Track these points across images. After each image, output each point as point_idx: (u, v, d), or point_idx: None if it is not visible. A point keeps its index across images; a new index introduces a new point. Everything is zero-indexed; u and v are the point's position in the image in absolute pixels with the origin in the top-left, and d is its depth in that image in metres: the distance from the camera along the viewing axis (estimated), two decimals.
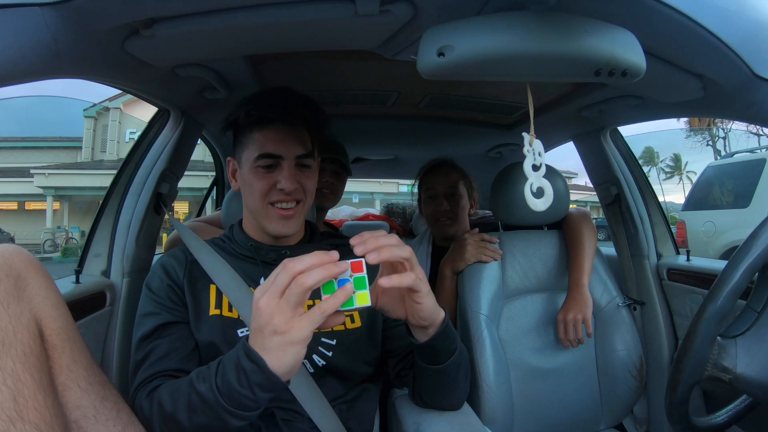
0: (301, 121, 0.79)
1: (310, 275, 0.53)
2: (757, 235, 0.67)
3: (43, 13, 0.53)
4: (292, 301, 0.53)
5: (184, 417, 0.60)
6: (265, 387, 0.56)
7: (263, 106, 0.78)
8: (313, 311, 0.54)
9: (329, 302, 0.54)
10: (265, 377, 0.55)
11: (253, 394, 0.56)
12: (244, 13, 0.64)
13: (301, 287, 0.52)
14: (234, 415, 0.57)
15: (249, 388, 0.55)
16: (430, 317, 0.66)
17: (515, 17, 0.55)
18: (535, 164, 0.60)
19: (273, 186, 0.78)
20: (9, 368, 0.50)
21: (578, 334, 1.10)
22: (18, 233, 16.31)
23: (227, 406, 0.56)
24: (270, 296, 0.54)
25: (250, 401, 0.56)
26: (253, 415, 0.59)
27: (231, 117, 0.81)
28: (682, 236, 4.64)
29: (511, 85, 1.16)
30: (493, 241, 1.22)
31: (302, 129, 0.79)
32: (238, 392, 0.56)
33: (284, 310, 0.53)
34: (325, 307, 0.54)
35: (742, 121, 0.93)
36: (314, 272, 0.53)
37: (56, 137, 19.20)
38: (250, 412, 0.58)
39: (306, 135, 0.80)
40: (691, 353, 0.68)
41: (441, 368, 0.71)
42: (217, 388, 0.57)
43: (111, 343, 1.01)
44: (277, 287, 0.54)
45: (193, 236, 0.83)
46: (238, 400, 0.56)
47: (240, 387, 0.56)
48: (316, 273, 0.53)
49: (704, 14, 0.61)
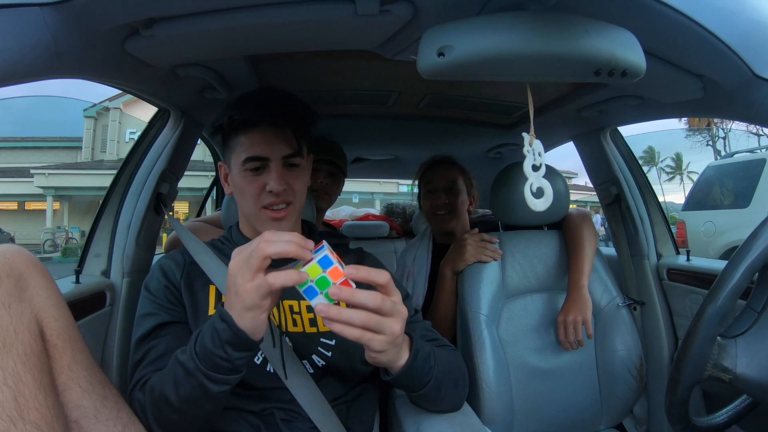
0: (286, 121, 0.79)
1: (272, 244, 0.54)
2: (757, 235, 0.67)
3: (43, 13, 0.53)
4: (252, 264, 0.54)
5: (171, 392, 0.61)
6: (236, 345, 0.57)
7: (246, 109, 0.78)
8: (261, 279, 0.54)
9: (280, 275, 0.54)
10: (233, 334, 0.56)
11: (225, 353, 0.57)
12: (244, 13, 0.64)
13: (260, 252, 0.54)
14: (212, 379, 0.58)
15: (221, 347, 0.57)
16: (386, 364, 0.65)
17: (515, 17, 0.55)
18: (535, 164, 0.60)
19: (263, 189, 0.77)
20: (10, 368, 0.50)
21: (578, 335, 1.10)
22: (18, 233, 16.31)
23: (204, 369, 0.58)
24: (238, 259, 0.56)
25: (223, 360, 0.58)
26: (230, 379, 0.60)
27: (216, 123, 0.81)
28: (682, 236, 4.64)
29: (511, 85, 1.16)
30: (493, 241, 1.22)
31: (287, 129, 0.79)
32: (212, 352, 0.57)
33: (244, 273, 0.55)
34: (272, 279, 0.54)
35: (742, 121, 0.93)
36: (277, 243, 0.54)
37: (56, 137, 19.22)
38: (226, 374, 0.59)
39: (291, 134, 0.79)
40: (691, 353, 0.68)
41: (420, 393, 0.71)
42: (195, 352, 0.59)
43: (111, 343, 1.01)
44: (245, 252, 0.56)
45: (191, 237, 0.83)
46: (213, 361, 0.58)
47: (213, 347, 0.57)
48: (279, 244, 0.54)
49: (704, 14, 0.61)
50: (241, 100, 0.80)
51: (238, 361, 0.59)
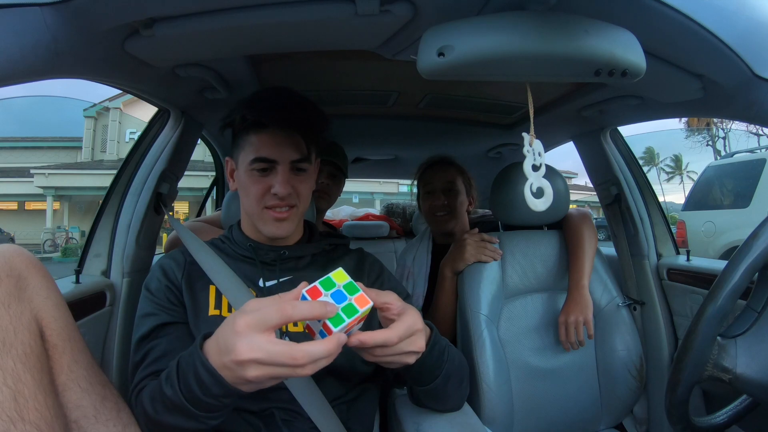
0: (297, 126, 0.79)
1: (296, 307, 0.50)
2: (757, 235, 0.67)
3: (43, 13, 0.53)
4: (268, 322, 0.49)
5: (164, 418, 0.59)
6: (230, 394, 0.54)
7: (259, 109, 0.77)
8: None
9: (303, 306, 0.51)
10: (226, 391, 0.52)
11: (218, 401, 0.54)
12: (244, 13, 0.64)
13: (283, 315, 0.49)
14: (208, 417, 0.56)
15: (213, 397, 0.54)
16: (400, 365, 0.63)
17: (515, 17, 0.55)
18: (535, 164, 0.60)
19: (267, 190, 0.77)
20: (10, 368, 0.50)
21: (579, 336, 1.10)
22: (18, 233, 16.30)
23: (195, 411, 0.55)
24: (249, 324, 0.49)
25: (216, 404, 0.55)
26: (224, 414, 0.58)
27: (228, 119, 0.82)
28: (682, 236, 4.64)
29: (511, 85, 1.16)
30: (492, 241, 1.22)
31: (297, 133, 0.79)
32: (203, 400, 0.54)
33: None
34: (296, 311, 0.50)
35: (742, 121, 0.93)
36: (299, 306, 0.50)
37: (56, 137, 19.20)
38: (222, 411, 0.57)
39: (301, 140, 0.79)
40: (691, 353, 0.68)
41: (427, 388, 0.71)
42: (182, 394, 0.55)
43: (111, 344, 1.01)
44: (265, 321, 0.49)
45: (192, 237, 0.83)
46: (205, 406, 0.55)
47: (204, 396, 0.54)
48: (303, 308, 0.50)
49: (704, 14, 0.61)
50: (255, 98, 0.80)
51: (234, 401, 0.56)
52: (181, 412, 0.57)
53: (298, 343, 0.49)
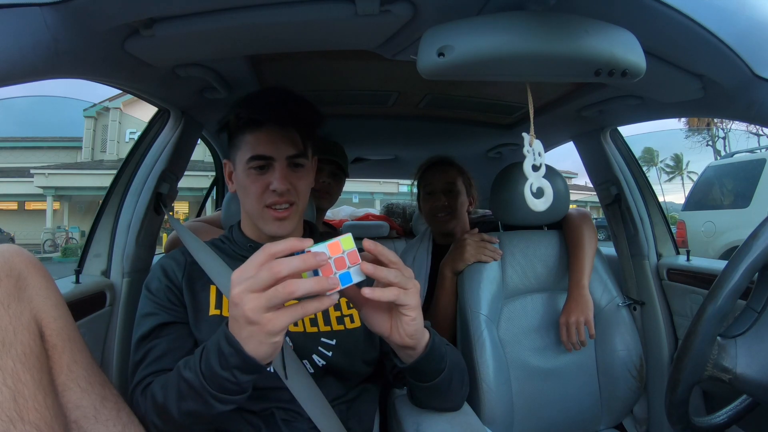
0: (292, 122, 0.79)
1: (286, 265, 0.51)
2: (757, 235, 0.67)
3: (43, 13, 0.53)
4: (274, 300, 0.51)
5: (173, 405, 0.61)
6: (245, 369, 0.56)
7: (253, 108, 0.78)
8: (295, 308, 0.52)
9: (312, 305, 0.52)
10: (242, 360, 0.55)
11: (234, 377, 0.56)
12: (244, 13, 0.64)
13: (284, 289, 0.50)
14: (218, 399, 0.58)
15: (229, 371, 0.56)
16: (415, 334, 0.62)
17: (515, 17, 0.55)
18: (535, 164, 0.60)
19: (266, 187, 0.78)
20: (9, 368, 0.50)
21: (581, 336, 1.10)
22: (18, 233, 16.30)
23: (211, 389, 0.57)
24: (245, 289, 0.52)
25: (231, 384, 0.57)
26: (237, 399, 0.59)
27: (223, 120, 0.82)
28: (682, 236, 4.64)
29: (511, 85, 1.16)
30: (492, 241, 1.22)
31: (293, 129, 0.79)
32: (220, 375, 0.56)
33: (260, 303, 0.51)
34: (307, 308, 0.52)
35: (742, 121, 0.93)
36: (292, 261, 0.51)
37: (56, 137, 19.19)
38: (234, 395, 0.58)
39: (297, 135, 0.80)
40: (691, 353, 0.68)
41: (430, 385, 0.71)
42: (201, 372, 0.57)
43: (111, 343, 1.01)
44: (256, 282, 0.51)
45: (192, 237, 0.83)
46: (220, 383, 0.57)
47: (221, 370, 0.56)
48: (295, 262, 0.51)
49: (704, 14, 0.61)
50: (249, 98, 0.80)
51: (247, 384, 0.58)
52: (195, 395, 0.58)
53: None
